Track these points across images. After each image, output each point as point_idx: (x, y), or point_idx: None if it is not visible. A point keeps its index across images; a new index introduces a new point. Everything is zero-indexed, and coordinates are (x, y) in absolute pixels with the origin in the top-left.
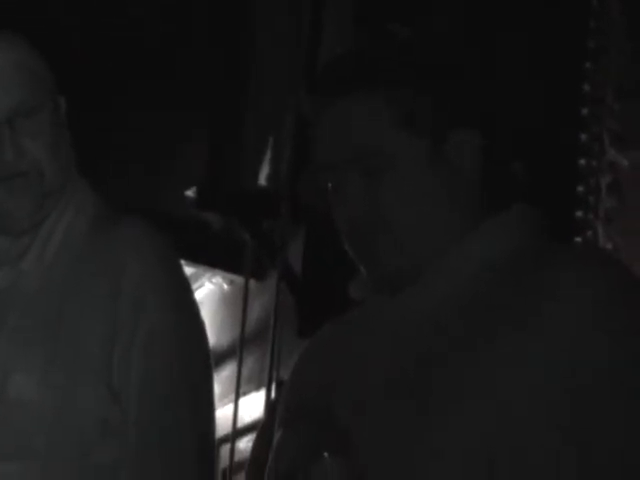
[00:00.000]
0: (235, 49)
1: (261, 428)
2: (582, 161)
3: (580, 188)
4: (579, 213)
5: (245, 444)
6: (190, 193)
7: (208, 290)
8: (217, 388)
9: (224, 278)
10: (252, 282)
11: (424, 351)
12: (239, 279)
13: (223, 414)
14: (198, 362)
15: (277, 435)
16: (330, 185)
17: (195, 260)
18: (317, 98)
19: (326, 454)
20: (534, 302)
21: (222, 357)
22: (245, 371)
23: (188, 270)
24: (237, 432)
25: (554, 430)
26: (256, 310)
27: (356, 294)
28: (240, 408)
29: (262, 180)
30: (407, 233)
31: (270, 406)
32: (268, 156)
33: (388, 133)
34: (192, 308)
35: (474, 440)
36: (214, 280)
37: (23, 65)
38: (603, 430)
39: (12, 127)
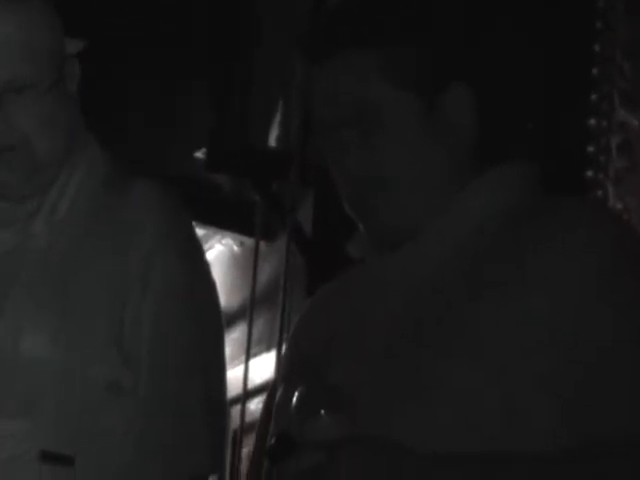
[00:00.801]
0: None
1: (271, 389)
2: (592, 121)
3: (590, 148)
4: (589, 173)
5: (256, 405)
6: (199, 155)
7: (218, 251)
8: (227, 349)
9: (234, 239)
10: (262, 243)
11: (423, 311)
12: (249, 240)
13: (234, 375)
14: (209, 323)
15: (279, 391)
16: (328, 144)
17: (205, 221)
18: (311, 57)
19: (323, 411)
20: (539, 258)
21: (232, 318)
22: (255, 332)
23: (198, 232)
24: (248, 393)
25: (553, 396)
26: (266, 271)
27: (355, 252)
28: (250, 369)
29: (272, 142)
30: (403, 190)
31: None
32: (277, 118)
33: (383, 88)
34: (204, 268)
35: (468, 398)
36: (224, 241)
37: (21, 41)
38: (607, 408)
39: (1, 102)
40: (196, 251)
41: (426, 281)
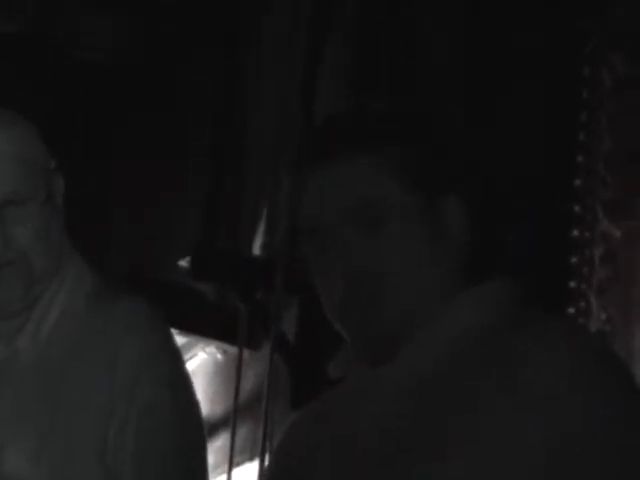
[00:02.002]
0: (229, 119)
1: None
2: (575, 232)
3: (574, 259)
4: (573, 284)
5: None
6: (184, 263)
7: (202, 359)
8: (210, 458)
9: (218, 348)
10: (246, 352)
11: (411, 422)
12: (233, 349)
13: None
14: (191, 437)
15: None
16: (318, 249)
17: (189, 329)
18: (313, 158)
19: None
20: (511, 372)
21: (215, 427)
22: (238, 441)
23: (182, 339)
24: None
25: None
26: (250, 380)
27: (335, 373)
28: (233, 478)
29: (256, 250)
30: (401, 291)
31: (263, 477)
32: (262, 226)
33: (389, 187)
34: (185, 382)
35: None
36: (208, 350)
37: (17, 156)
38: None
39: (1, 216)
40: (178, 367)
41: (412, 392)
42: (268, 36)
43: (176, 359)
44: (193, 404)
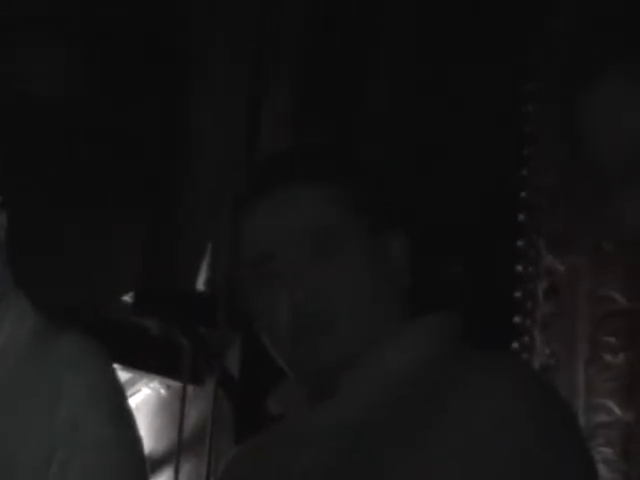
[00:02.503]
0: (171, 159)
1: None
2: (519, 267)
3: (518, 294)
4: (517, 319)
5: None
6: (127, 298)
7: (145, 395)
8: None
9: (161, 383)
10: (189, 388)
11: (345, 460)
12: (177, 384)
13: None
14: (135, 475)
15: None
16: (264, 280)
17: (132, 365)
18: (261, 189)
19: None
20: (454, 404)
21: (159, 463)
22: (182, 478)
23: (125, 375)
24: None
25: None
26: (193, 416)
27: (275, 408)
28: None
29: (200, 285)
30: (348, 326)
31: None
32: (206, 261)
33: (337, 217)
34: (128, 419)
35: None
36: (151, 385)
37: None
38: None
39: None
40: (122, 405)
41: (354, 425)
42: (211, 81)
43: (119, 396)
44: (136, 441)
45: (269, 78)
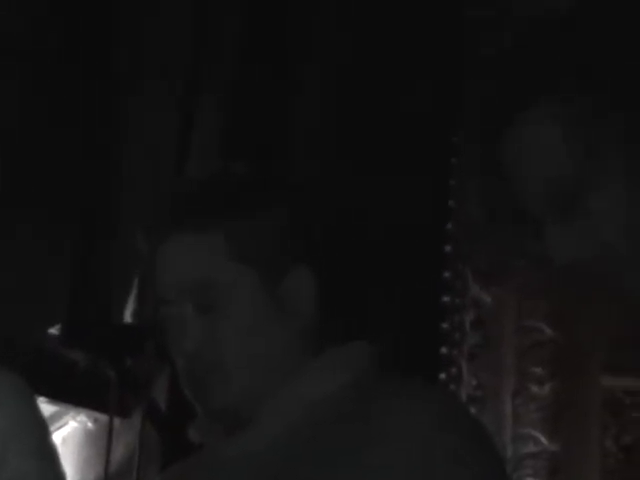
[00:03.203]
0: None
1: None
2: (446, 298)
3: (445, 325)
4: (444, 350)
5: None
6: (54, 330)
7: (72, 428)
8: None
9: (88, 416)
10: (117, 420)
11: None
12: (104, 417)
13: None
14: None
15: None
16: (167, 320)
17: (59, 398)
18: (156, 231)
19: None
20: (366, 435)
21: None
22: None
23: (52, 408)
24: None
25: None
26: (121, 449)
27: (195, 437)
28: None
29: (127, 317)
30: (241, 370)
31: None
32: (133, 293)
33: (226, 266)
34: (52, 453)
35: None
36: (78, 418)
37: None
38: None
39: None
40: (46, 439)
41: (263, 463)
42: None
43: (42, 430)
44: (59, 475)
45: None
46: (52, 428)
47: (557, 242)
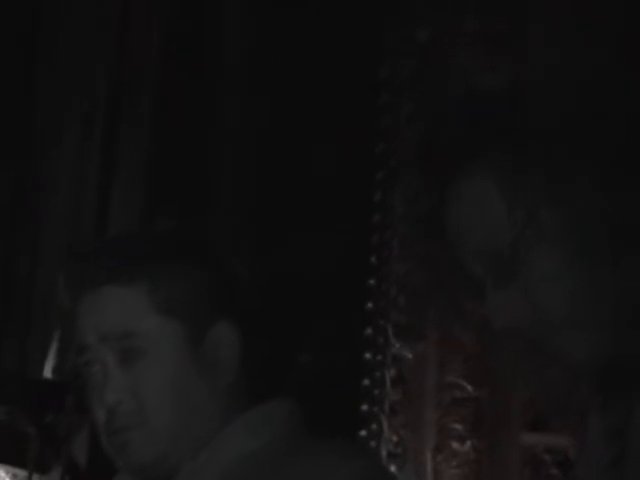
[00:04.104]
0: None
1: None
2: (367, 355)
3: (366, 381)
4: (365, 406)
5: None
6: None
7: None
8: None
9: (7, 472)
10: (36, 476)
11: None
12: (23, 473)
13: None
14: None
15: None
16: (88, 372)
17: None
18: (78, 283)
19: None
20: None
21: None
22: None
23: None
24: None
25: None
26: None
27: None
28: None
29: (47, 372)
30: (162, 425)
31: None
32: (54, 348)
33: (149, 318)
34: None
35: None
36: None
37: None
38: None
39: None
40: None
41: None
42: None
43: None
44: None
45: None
46: None
47: (496, 304)
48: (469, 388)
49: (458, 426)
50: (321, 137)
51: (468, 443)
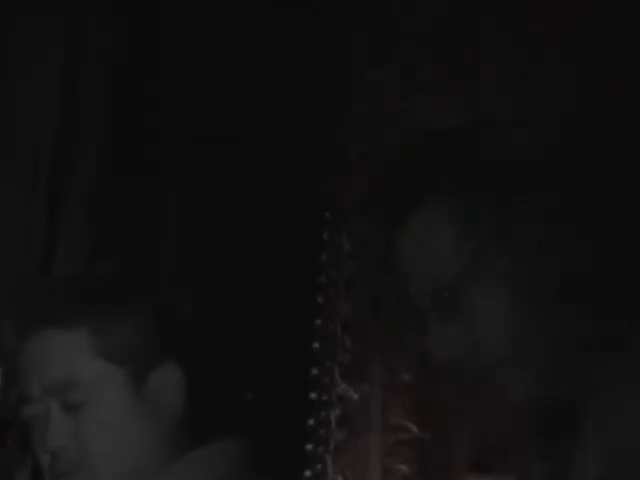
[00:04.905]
0: None
1: None
2: (313, 395)
3: (311, 421)
4: (309, 446)
5: None
6: None
7: None
8: None
9: None
10: None
11: None
12: None
13: None
14: None
15: None
16: (31, 416)
17: None
18: (22, 327)
19: None
20: None
21: None
22: None
23: None
24: None
25: None
26: None
27: None
28: None
29: None
30: (105, 468)
31: None
32: None
33: (90, 364)
34: None
35: None
36: None
37: None
38: None
39: None
40: None
41: None
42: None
43: None
44: None
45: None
46: None
47: (439, 338)
48: (414, 429)
49: (403, 467)
50: (269, 178)
51: None
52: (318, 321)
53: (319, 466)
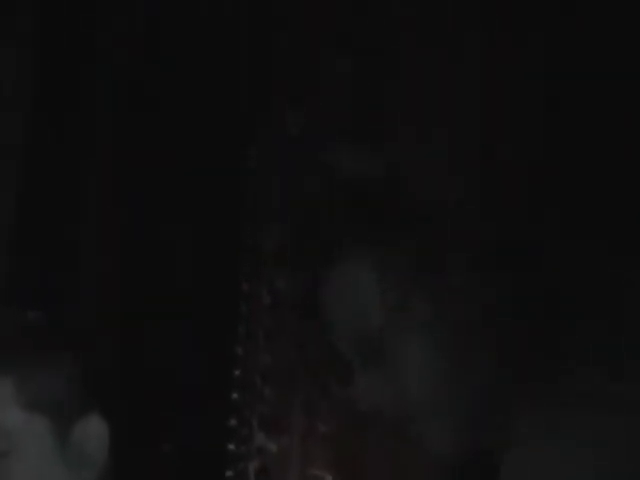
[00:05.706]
0: None
1: None
2: (231, 446)
3: (229, 473)
4: None
5: None
6: None
7: None
8: None
9: None
10: None
11: None
12: None
13: None
14: None
15: None
16: None
17: None
18: None
19: None
20: None
21: None
22: None
23: None
24: None
25: None
26: None
27: None
28: None
29: None
30: None
31: None
32: None
33: (15, 414)
34: None
35: None
36: None
37: None
38: None
39: None
40: None
41: None
42: None
43: None
44: None
45: None
46: None
47: (362, 386)
48: None
49: None
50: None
51: None
52: (237, 372)
53: None
